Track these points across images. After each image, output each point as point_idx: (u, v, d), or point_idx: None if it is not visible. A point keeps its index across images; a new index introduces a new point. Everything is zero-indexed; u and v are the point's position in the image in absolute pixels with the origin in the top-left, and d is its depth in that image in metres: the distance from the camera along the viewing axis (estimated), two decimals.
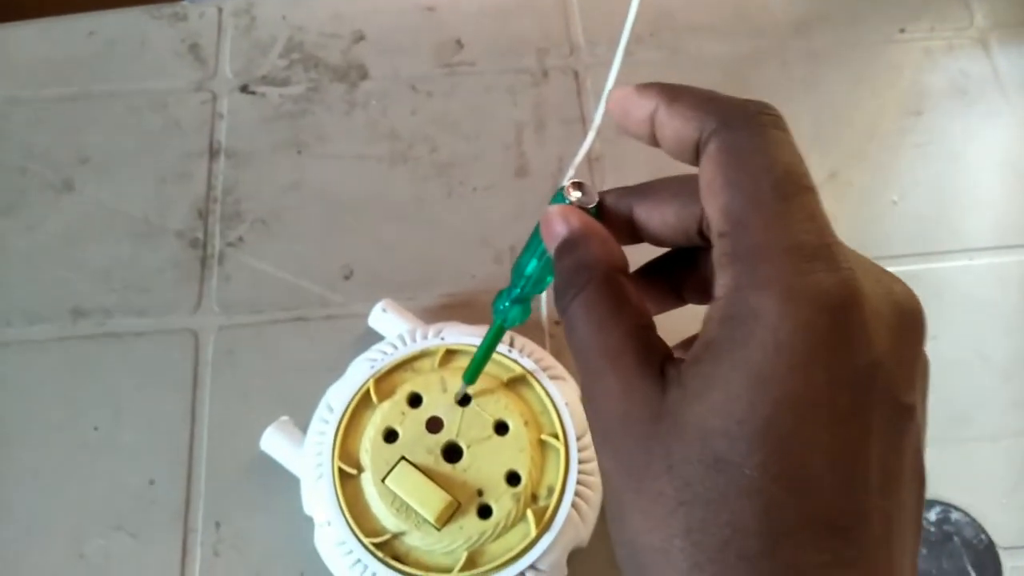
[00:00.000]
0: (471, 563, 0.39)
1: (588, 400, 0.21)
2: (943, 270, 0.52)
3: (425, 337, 0.45)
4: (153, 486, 0.44)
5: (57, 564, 0.43)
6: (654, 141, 0.22)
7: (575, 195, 0.23)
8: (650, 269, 0.25)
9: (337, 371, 0.44)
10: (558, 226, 0.23)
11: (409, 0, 0.60)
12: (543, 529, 0.40)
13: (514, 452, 0.41)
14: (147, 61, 0.57)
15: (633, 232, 0.23)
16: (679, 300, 0.25)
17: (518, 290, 0.28)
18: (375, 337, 0.47)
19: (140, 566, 0.43)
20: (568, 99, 0.57)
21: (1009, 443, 0.47)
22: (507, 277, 0.51)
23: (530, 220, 0.25)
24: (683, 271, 0.24)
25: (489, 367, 0.44)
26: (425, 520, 0.39)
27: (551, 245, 0.23)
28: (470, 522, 0.40)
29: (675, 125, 0.20)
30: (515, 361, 0.44)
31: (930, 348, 0.55)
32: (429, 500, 0.39)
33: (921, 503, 0.20)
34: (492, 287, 0.51)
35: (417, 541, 0.39)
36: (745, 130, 0.19)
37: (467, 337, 0.44)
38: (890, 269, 0.56)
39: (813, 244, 0.18)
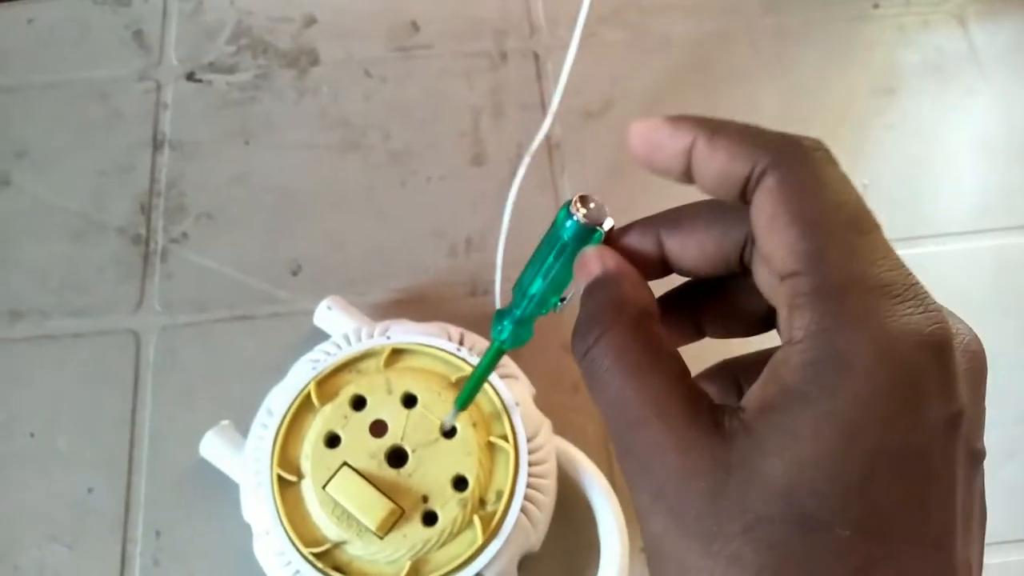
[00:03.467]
0: (415, 572, 0.38)
1: (628, 454, 0.19)
2: (914, 256, 0.51)
3: (371, 336, 0.43)
4: (91, 494, 0.43)
5: None
6: (685, 177, 0.20)
7: (582, 211, 0.22)
8: (667, 302, 0.23)
9: (284, 372, 0.43)
10: (593, 266, 0.21)
11: None
12: (490, 536, 0.38)
13: (461, 456, 0.39)
14: (88, 49, 0.55)
15: (660, 266, 0.22)
16: (698, 334, 0.23)
17: (519, 311, 0.25)
18: (323, 336, 0.45)
19: None
20: (527, 83, 0.55)
21: None
22: (463, 270, 0.50)
23: (487, 210, 0.23)
24: (705, 303, 0.23)
25: (437, 366, 0.42)
26: (367, 528, 0.38)
27: (583, 284, 0.21)
28: (414, 530, 0.38)
29: (720, 159, 0.19)
30: (464, 360, 0.42)
31: None
32: (371, 507, 0.38)
33: (983, 546, 0.19)
34: (447, 281, 0.49)
35: (359, 550, 0.38)
36: (806, 166, 0.18)
37: (414, 336, 0.43)
38: None
39: (901, 282, 0.17)
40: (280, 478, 0.39)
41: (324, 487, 0.38)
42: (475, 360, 0.42)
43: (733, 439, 0.17)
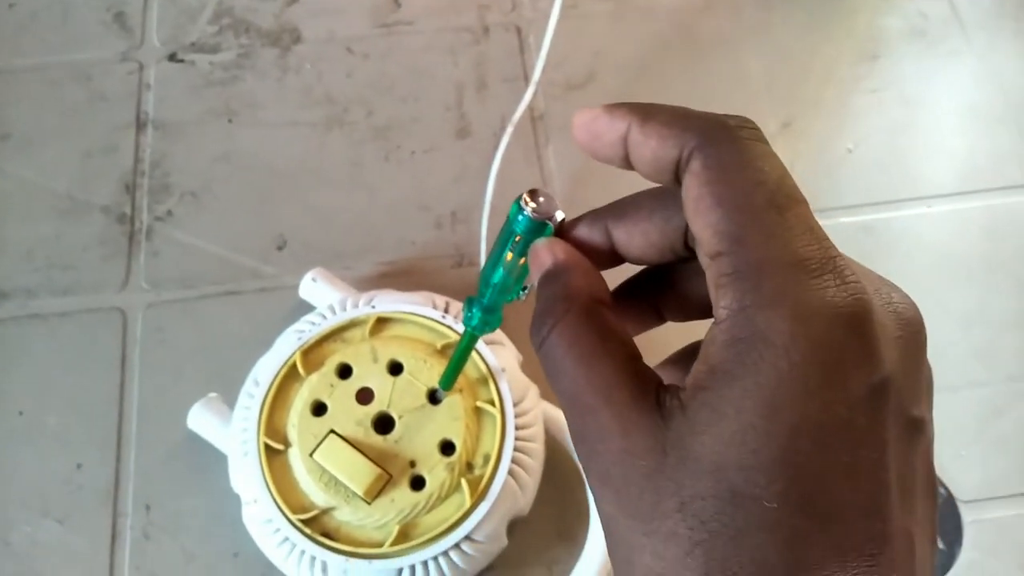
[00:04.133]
0: (404, 536, 0.38)
1: (580, 440, 0.19)
2: (900, 219, 0.51)
3: (356, 306, 0.43)
4: (81, 470, 0.43)
5: None
6: (626, 163, 0.20)
7: (531, 205, 0.22)
8: (625, 290, 0.24)
9: (270, 345, 0.43)
10: (545, 258, 0.22)
11: None
12: (478, 499, 0.38)
13: (448, 420, 0.39)
14: (71, 32, 0.55)
15: (611, 256, 0.22)
16: (658, 319, 0.24)
17: (485, 300, 0.27)
18: (309, 309, 0.45)
19: (68, 553, 0.41)
20: (510, 56, 0.55)
21: (968, 394, 0.46)
22: (448, 242, 0.50)
23: (472, 182, 0.23)
24: (661, 289, 0.23)
25: (423, 334, 0.42)
26: (355, 494, 0.38)
27: (536, 276, 0.22)
28: (402, 494, 0.38)
29: (652, 145, 0.19)
30: (450, 327, 0.42)
31: None
32: (358, 473, 0.38)
33: (935, 515, 0.19)
34: (433, 254, 0.49)
35: (347, 516, 0.38)
36: (729, 145, 0.18)
37: (399, 304, 0.43)
38: (845, 220, 0.54)
39: (818, 258, 0.17)
40: (267, 447, 0.39)
41: (311, 454, 0.38)
42: (461, 328, 0.42)
43: (671, 419, 0.17)
